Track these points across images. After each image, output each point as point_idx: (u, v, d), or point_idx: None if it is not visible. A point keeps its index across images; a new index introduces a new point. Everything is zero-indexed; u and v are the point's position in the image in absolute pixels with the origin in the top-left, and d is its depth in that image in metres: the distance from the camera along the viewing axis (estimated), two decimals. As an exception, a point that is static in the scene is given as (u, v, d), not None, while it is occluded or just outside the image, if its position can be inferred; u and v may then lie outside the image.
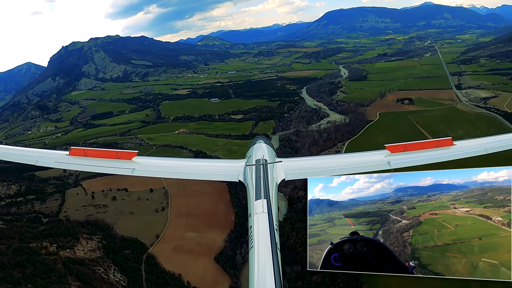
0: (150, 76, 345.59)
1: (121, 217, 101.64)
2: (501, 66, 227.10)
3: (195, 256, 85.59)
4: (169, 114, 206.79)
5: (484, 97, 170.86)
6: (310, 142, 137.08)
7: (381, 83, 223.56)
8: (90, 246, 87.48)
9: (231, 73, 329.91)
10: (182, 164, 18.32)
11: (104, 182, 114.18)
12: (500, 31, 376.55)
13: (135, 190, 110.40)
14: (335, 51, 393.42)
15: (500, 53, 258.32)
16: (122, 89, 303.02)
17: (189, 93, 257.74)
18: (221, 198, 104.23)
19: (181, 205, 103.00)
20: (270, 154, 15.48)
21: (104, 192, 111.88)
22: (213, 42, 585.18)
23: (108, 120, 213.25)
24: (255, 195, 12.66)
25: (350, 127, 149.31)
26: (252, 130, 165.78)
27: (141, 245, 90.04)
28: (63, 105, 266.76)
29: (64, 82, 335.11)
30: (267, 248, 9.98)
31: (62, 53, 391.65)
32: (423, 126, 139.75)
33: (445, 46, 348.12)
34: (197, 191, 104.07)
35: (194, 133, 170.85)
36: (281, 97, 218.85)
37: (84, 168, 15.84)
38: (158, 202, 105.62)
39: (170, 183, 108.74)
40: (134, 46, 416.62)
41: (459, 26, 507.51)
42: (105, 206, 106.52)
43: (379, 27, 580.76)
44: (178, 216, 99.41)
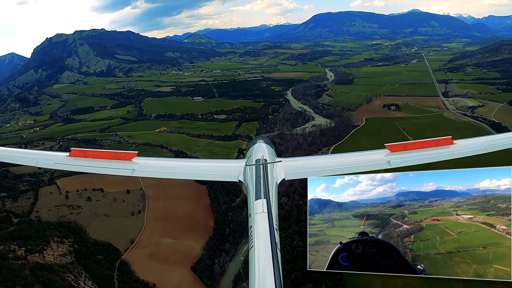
0: (134, 71, 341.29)
1: (95, 219, 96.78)
2: (488, 76, 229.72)
3: (171, 264, 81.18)
4: (151, 111, 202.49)
5: (471, 106, 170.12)
6: (295, 146, 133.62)
7: (368, 87, 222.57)
8: (60, 251, 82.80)
9: (216, 72, 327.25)
10: (182, 165, 18.45)
11: (79, 181, 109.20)
12: (486, 41, 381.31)
13: (111, 191, 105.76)
14: (321, 53, 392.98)
15: (486, 62, 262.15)
16: (105, 84, 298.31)
17: (173, 91, 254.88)
18: (200, 202, 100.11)
19: (158, 208, 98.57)
20: (270, 154, 15.51)
21: (79, 191, 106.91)
22: (200, 40, 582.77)
23: (88, 116, 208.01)
24: (255, 195, 12.60)
25: (335, 131, 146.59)
26: (235, 131, 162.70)
27: (114, 250, 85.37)
28: (44, 98, 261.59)
29: (47, 74, 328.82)
30: (267, 248, 10.00)
31: (46, 44, 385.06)
32: (409, 133, 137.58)
33: (432, 54, 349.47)
34: (175, 193, 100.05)
35: (175, 132, 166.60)
36: (266, 98, 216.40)
37: (84, 169, 15.91)
38: (134, 204, 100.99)
39: (148, 184, 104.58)
40: (119, 40, 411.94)
41: (446, 35, 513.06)
42: (79, 206, 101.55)
43: (366, 32, 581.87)
44: (154, 220, 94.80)
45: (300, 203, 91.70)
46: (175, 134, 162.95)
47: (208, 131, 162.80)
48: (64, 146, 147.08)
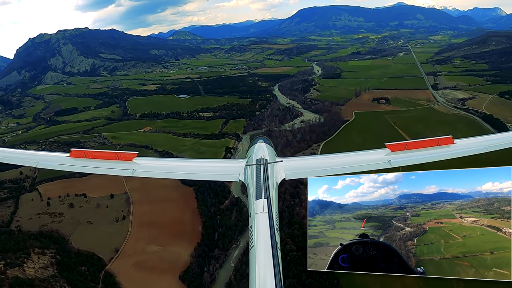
0: (119, 70, 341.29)
1: (77, 227, 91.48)
2: (476, 67, 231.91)
3: (158, 273, 76.29)
4: (135, 110, 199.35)
5: (461, 98, 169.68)
6: (284, 143, 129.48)
7: (356, 81, 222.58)
8: (42, 263, 77.88)
9: (201, 68, 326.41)
10: (183, 165, 18.40)
11: (61, 186, 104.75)
12: (472, 33, 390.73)
13: (94, 196, 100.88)
14: (308, 48, 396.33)
15: (474, 54, 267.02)
16: (89, 84, 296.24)
17: (158, 89, 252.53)
18: (187, 205, 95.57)
19: (144, 213, 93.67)
20: (270, 154, 15.47)
21: (61, 197, 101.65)
22: (185, 37, 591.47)
23: (72, 117, 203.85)
24: (255, 195, 12.51)
25: (325, 127, 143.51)
26: (222, 129, 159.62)
27: (98, 260, 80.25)
28: (27, 100, 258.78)
29: (30, 75, 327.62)
30: (267, 248, 9.99)
31: (29, 45, 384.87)
32: (401, 127, 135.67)
33: (419, 46, 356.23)
34: (161, 196, 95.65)
35: (160, 131, 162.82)
36: (252, 94, 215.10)
37: (84, 169, 16.04)
38: (118, 210, 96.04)
39: (132, 188, 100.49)
40: (103, 39, 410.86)
41: (432, 27, 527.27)
42: (61, 214, 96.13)
43: (352, 25, 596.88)
44: (140, 226, 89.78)
45: (292, 204, 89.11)
46: (161, 134, 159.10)
47: (194, 129, 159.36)
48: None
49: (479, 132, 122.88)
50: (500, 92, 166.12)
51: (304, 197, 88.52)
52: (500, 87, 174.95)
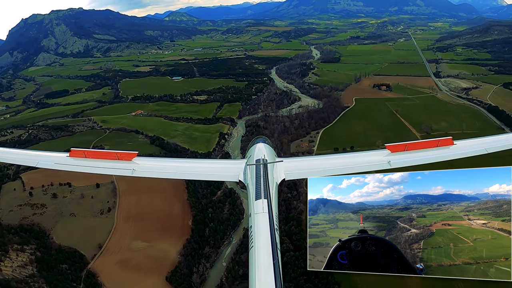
0: (113, 51, 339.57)
1: (60, 220, 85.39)
2: (478, 56, 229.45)
3: (144, 273, 70.13)
4: (127, 93, 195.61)
5: (465, 88, 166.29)
6: (281, 130, 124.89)
7: (355, 66, 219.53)
8: (20, 260, 72.01)
9: (197, 50, 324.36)
10: (182, 165, 17.77)
11: (45, 175, 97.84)
12: (472, 21, 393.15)
13: (79, 185, 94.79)
14: (306, 31, 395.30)
15: (476, 43, 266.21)
16: (82, 65, 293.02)
17: (151, 71, 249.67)
18: (177, 196, 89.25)
19: (131, 205, 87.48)
20: (270, 154, 15.27)
21: (45, 187, 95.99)
22: (181, 18, 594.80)
23: (62, 99, 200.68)
24: (255, 195, 12.36)
25: (324, 113, 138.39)
26: (216, 113, 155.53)
27: (80, 258, 73.96)
28: (17, 82, 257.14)
29: (22, 57, 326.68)
30: (267, 248, 9.95)
31: (21, 26, 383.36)
32: (403, 116, 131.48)
33: (419, 33, 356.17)
34: (150, 186, 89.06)
35: (152, 115, 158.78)
36: (249, 77, 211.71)
37: (84, 169, 15.64)
38: (104, 201, 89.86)
39: (119, 177, 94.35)
40: (97, 20, 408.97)
41: (431, 14, 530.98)
42: (43, 205, 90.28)
43: (351, 10, 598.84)
44: (126, 219, 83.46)
45: (289, 197, 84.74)
46: (152, 118, 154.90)
47: (187, 113, 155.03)
48: (33, 135, 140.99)
49: (484, 124, 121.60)
50: (504, 82, 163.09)
51: (302, 190, 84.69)
52: (503, 77, 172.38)
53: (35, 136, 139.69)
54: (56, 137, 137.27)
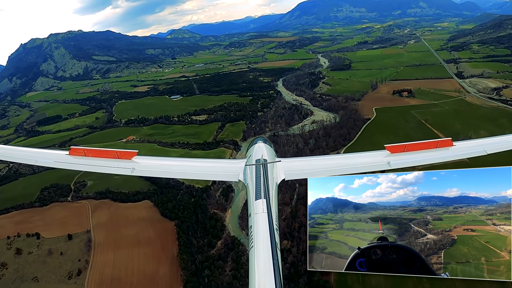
0: (112, 72, 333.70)
1: (20, 286, 68.73)
2: (497, 53, 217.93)
3: None
4: (122, 116, 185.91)
5: (495, 88, 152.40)
6: (293, 152, 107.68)
7: (369, 72, 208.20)
8: None
9: (198, 66, 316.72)
10: (182, 164, 17.52)
11: (16, 221, 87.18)
12: (478, 19, 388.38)
13: (49, 236, 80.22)
14: (311, 40, 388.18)
15: (491, 39, 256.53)
16: (80, 88, 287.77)
17: (149, 90, 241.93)
18: (165, 251, 70.96)
19: (106, 264, 69.65)
20: (269, 154, 15.32)
21: (10, 239, 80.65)
22: (183, 35, 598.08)
23: (54, 126, 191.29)
24: (255, 195, 12.35)
25: (342, 129, 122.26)
26: (217, 136, 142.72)
27: None
28: (12, 109, 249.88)
29: (21, 82, 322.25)
30: (267, 248, 9.94)
31: (20, 51, 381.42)
32: (434, 126, 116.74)
33: (427, 34, 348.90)
34: (132, 236, 72.79)
35: (145, 141, 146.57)
36: (253, 92, 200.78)
37: (84, 168, 15.50)
38: (75, 259, 73.10)
39: (98, 223, 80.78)
40: (97, 41, 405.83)
41: (436, 15, 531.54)
42: (4, 265, 74.29)
43: (354, 16, 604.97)
44: (98, 285, 65.10)
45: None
46: (145, 144, 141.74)
47: (184, 137, 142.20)
48: (14, 169, 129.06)
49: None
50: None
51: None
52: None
53: (16, 171, 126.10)
54: (38, 171, 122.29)
